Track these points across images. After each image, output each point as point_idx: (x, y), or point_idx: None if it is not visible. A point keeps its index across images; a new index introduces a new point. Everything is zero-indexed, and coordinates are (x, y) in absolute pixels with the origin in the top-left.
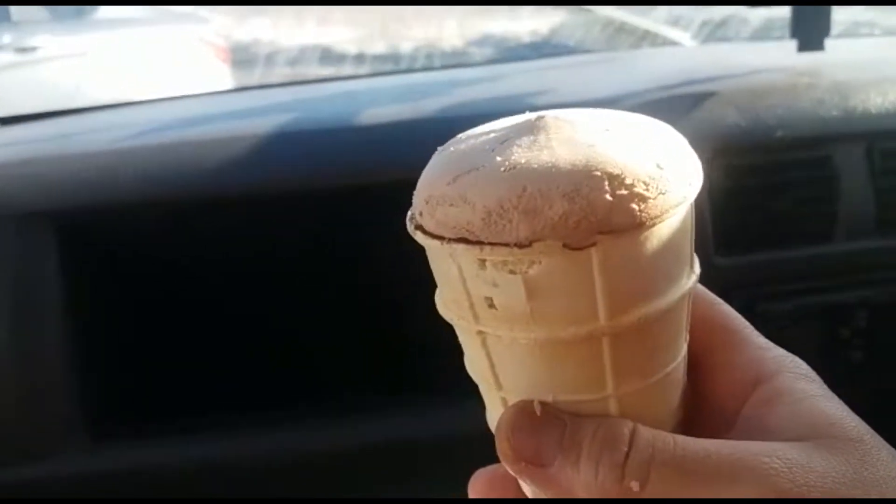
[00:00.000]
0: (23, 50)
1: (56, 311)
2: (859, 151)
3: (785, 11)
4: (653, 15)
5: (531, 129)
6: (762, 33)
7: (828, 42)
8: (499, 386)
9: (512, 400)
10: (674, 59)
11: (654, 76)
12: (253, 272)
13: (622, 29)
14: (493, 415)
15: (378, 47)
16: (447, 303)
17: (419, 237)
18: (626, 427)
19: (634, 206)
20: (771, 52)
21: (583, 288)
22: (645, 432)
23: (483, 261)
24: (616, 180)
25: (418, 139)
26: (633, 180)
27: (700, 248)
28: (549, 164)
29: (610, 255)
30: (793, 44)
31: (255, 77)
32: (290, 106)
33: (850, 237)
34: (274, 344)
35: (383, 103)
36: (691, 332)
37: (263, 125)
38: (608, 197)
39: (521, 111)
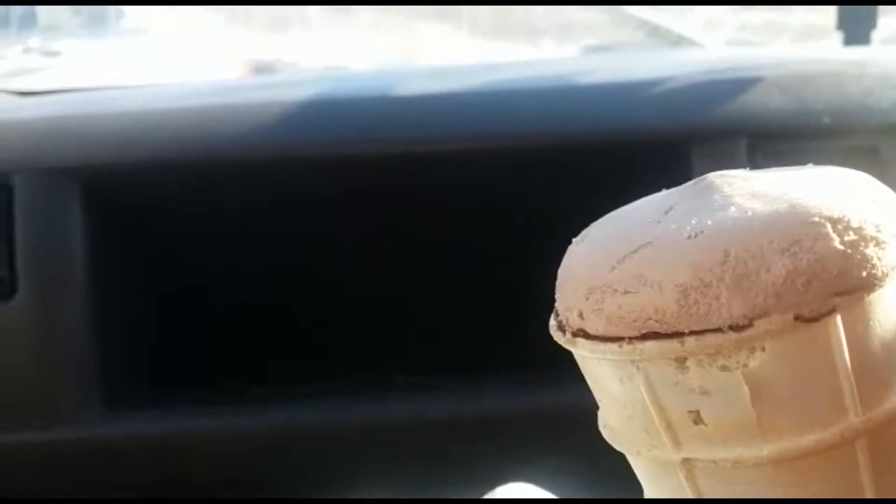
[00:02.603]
0: (49, 54)
1: (77, 272)
2: None
3: (825, 19)
4: (686, 17)
5: (697, 192)
6: (803, 38)
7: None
8: None
9: None
10: (714, 53)
11: (695, 63)
12: (280, 240)
13: (655, 32)
14: None
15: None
16: (624, 431)
17: (581, 347)
18: None
19: (871, 252)
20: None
21: (823, 374)
22: None
23: (683, 359)
24: (840, 224)
25: (453, 112)
26: (861, 222)
27: None
28: (749, 220)
29: (854, 322)
30: (838, 42)
31: None
32: (321, 79)
33: None
34: (296, 316)
35: (416, 80)
36: None
37: (295, 93)
38: (838, 245)
39: (560, 90)
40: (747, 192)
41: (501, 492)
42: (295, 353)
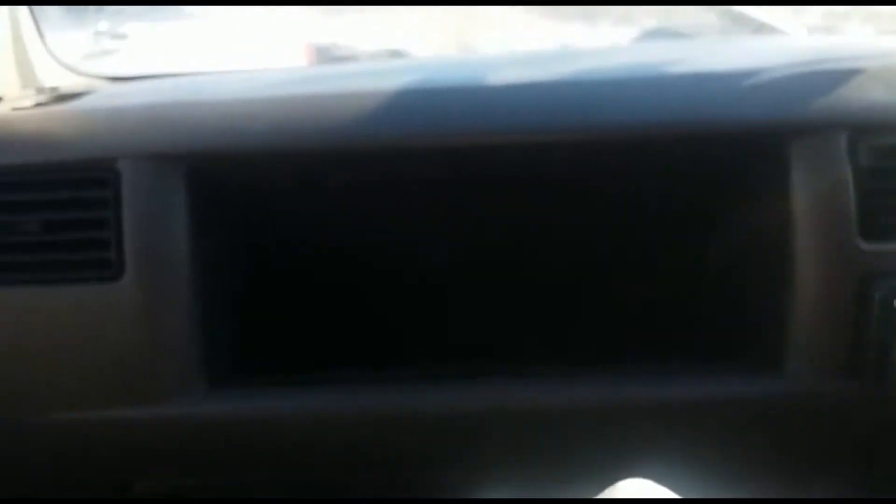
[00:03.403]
0: (117, 37)
1: (182, 254)
2: None
3: None
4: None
5: None
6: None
7: None
8: None
9: None
10: (802, 41)
11: (786, 52)
12: (380, 228)
13: (738, 20)
14: None
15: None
16: None
17: None
18: None
19: None
20: None
21: None
22: None
23: None
24: None
25: (553, 102)
26: None
27: (842, 231)
28: None
29: None
30: None
31: None
32: (413, 68)
33: None
34: (393, 304)
35: (512, 68)
36: None
37: (394, 83)
38: None
39: (656, 80)
40: None
41: (621, 488)
42: (390, 339)
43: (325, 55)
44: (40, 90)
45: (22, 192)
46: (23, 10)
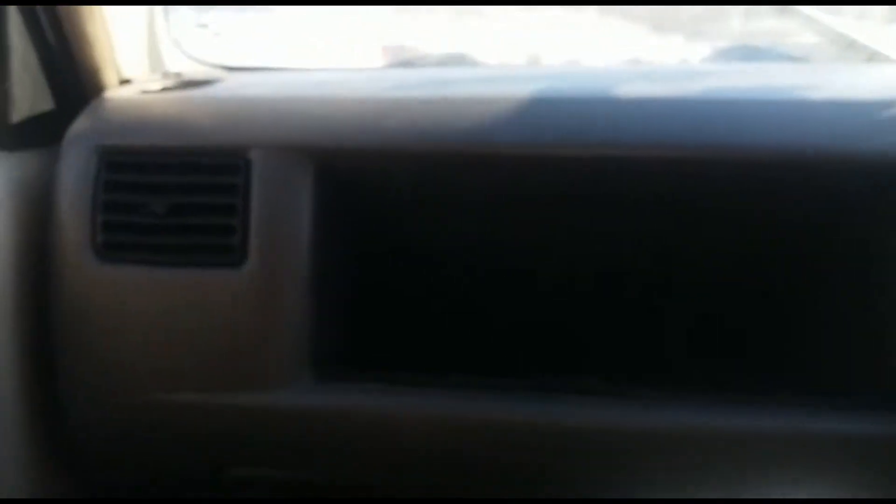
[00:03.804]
0: (200, 26)
1: (303, 246)
2: None
3: None
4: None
5: None
6: None
7: None
8: None
9: None
10: None
11: None
12: (502, 234)
13: (851, 46)
14: None
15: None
16: None
17: None
18: None
19: None
20: None
21: None
22: None
23: None
24: None
25: (677, 119)
26: None
27: None
28: None
29: None
30: None
31: None
32: (530, 77)
33: None
34: (500, 313)
35: (627, 83)
36: None
37: (523, 90)
38: None
39: (767, 103)
40: None
41: None
42: (489, 346)
43: (395, 56)
44: (165, 75)
45: (154, 174)
46: None
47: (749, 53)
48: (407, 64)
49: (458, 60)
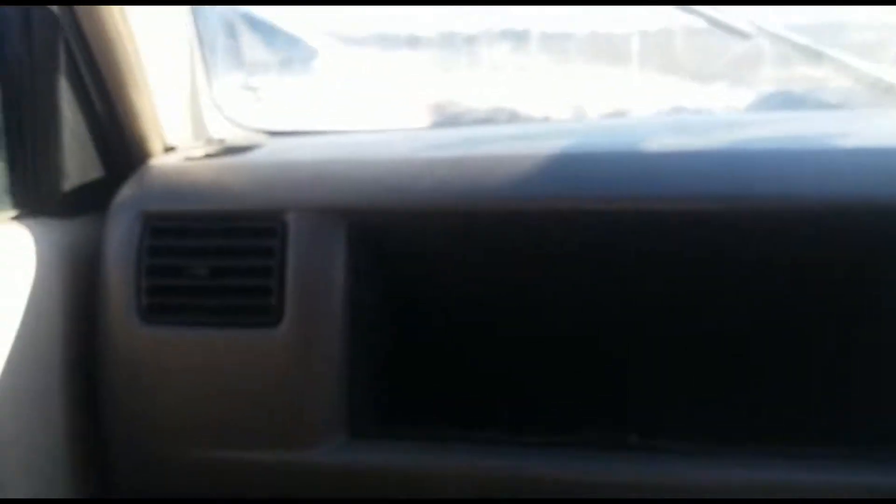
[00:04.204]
0: (249, 89)
1: (337, 306)
2: None
3: None
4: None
5: None
6: None
7: None
8: None
9: None
10: None
11: None
12: (534, 291)
13: (889, 91)
14: None
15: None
16: None
17: None
18: None
19: None
20: None
21: None
22: None
23: None
24: None
25: (706, 171)
26: None
27: None
28: None
29: None
30: None
31: None
32: (564, 134)
33: None
34: (535, 369)
35: (664, 136)
36: None
37: (553, 147)
38: None
39: (816, 151)
40: None
41: None
42: (523, 402)
43: (441, 111)
44: (209, 141)
45: (196, 238)
46: (198, 60)
47: (788, 100)
48: (451, 122)
49: (504, 115)
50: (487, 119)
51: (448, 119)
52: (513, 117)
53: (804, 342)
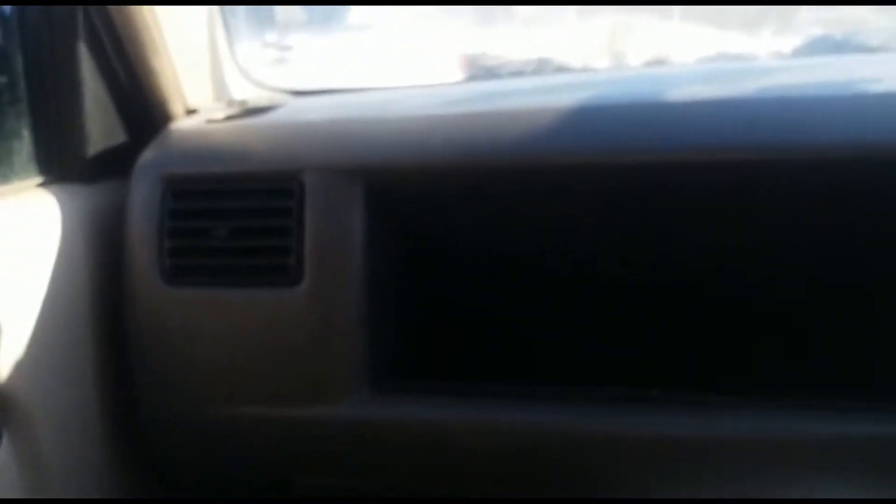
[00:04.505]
0: (283, 48)
1: (356, 264)
2: None
3: None
4: None
5: None
6: None
7: None
8: None
9: None
10: None
11: None
12: (552, 245)
13: None
14: None
15: (604, 62)
16: None
17: None
18: None
19: None
20: None
21: None
22: None
23: None
24: None
25: (740, 118)
26: None
27: None
28: None
29: None
30: None
31: None
32: (584, 86)
33: None
34: (551, 321)
35: (689, 85)
36: None
37: (568, 100)
38: None
39: (847, 97)
40: None
41: None
42: (545, 355)
43: (475, 64)
44: (230, 103)
45: (215, 200)
46: (217, 22)
47: (831, 45)
48: (487, 75)
49: (541, 66)
50: (525, 70)
51: (484, 73)
52: (551, 69)
53: (828, 296)
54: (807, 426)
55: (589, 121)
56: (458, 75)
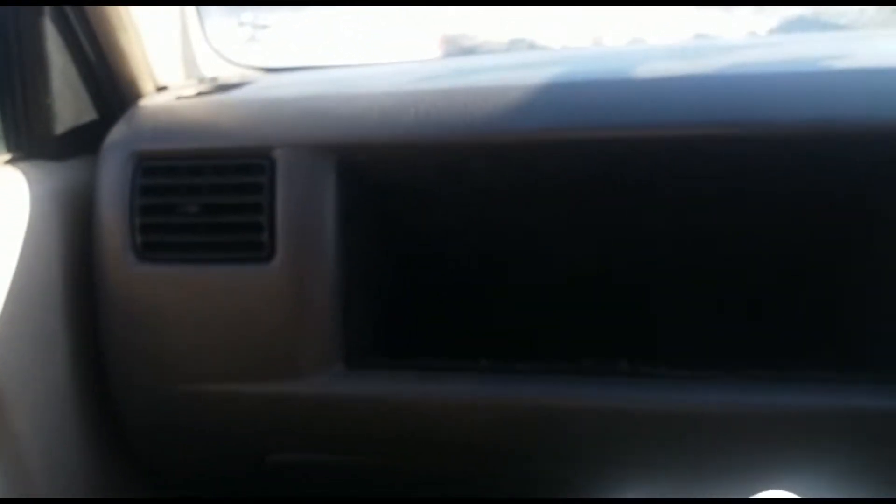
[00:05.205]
0: (259, 27)
1: (328, 240)
2: None
3: None
4: None
5: None
6: None
7: None
8: None
9: None
10: None
11: None
12: (518, 223)
13: None
14: None
15: (584, 42)
16: None
17: None
18: None
19: None
20: None
21: None
22: None
23: None
24: None
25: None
26: None
27: None
28: None
29: None
30: None
31: None
32: (557, 62)
33: None
34: (524, 299)
35: (661, 61)
36: None
37: (540, 77)
38: None
39: (812, 73)
40: None
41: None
42: (517, 331)
43: (454, 44)
44: (201, 80)
45: (186, 176)
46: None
47: (806, 24)
48: (463, 54)
49: (520, 46)
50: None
51: (461, 52)
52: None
53: (800, 269)
54: (774, 398)
55: (559, 97)
56: (437, 55)
